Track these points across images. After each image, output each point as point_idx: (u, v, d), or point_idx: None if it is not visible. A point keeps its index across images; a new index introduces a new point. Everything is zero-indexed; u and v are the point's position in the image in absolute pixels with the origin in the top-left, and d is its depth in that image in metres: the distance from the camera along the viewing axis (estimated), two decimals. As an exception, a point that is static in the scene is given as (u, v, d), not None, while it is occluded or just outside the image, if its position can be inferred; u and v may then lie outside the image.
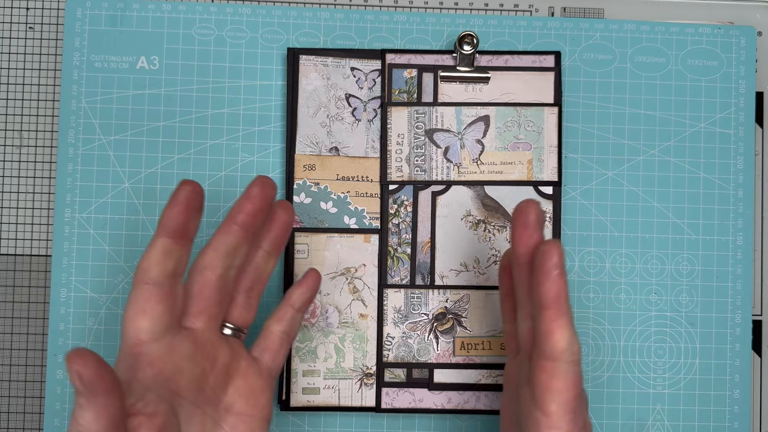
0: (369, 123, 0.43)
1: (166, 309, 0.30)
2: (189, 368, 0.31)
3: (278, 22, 0.44)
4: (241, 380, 0.33)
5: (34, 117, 0.44)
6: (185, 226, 0.30)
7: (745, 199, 0.44)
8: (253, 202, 0.32)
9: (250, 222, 0.32)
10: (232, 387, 0.33)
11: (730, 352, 0.43)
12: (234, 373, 0.33)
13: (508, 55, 0.43)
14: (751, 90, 0.44)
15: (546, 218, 0.43)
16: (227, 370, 0.33)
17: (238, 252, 0.33)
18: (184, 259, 0.31)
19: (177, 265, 0.30)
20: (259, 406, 0.33)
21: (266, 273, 0.35)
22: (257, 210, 0.32)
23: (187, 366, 0.31)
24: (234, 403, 0.33)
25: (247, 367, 0.34)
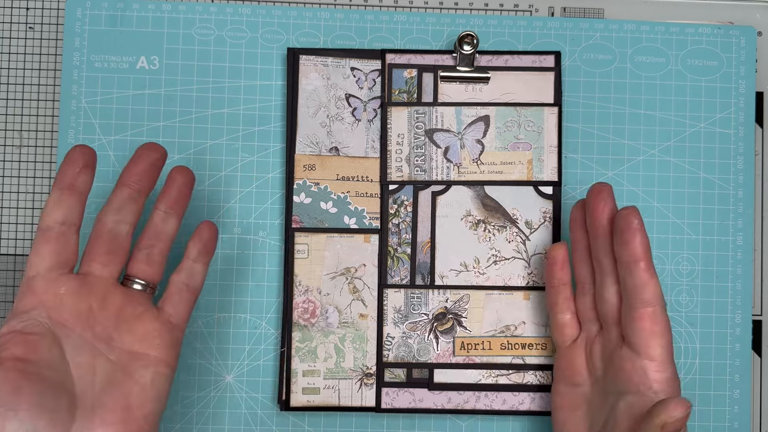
0: (369, 123, 0.43)
1: (52, 250, 0.34)
2: (73, 303, 0.34)
3: (278, 22, 0.44)
4: (136, 322, 0.36)
5: (34, 117, 0.44)
6: (73, 180, 0.34)
7: (745, 199, 0.44)
8: (139, 163, 0.36)
9: (135, 181, 0.36)
10: (126, 327, 0.35)
11: (730, 352, 0.43)
12: (128, 316, 0.36)
13: (508, 55, 0.43)
14: (751, 90, 0.44)
15: (547, 218, 0.43)
16: (120, 313, 0.36)
17: (128, 208, 0.36)
18: (75, 209, 0.35)
19: (66, 213, 0.34)
20: (153, 346, 0.36)
21: (166, 232, 0.37)
22: (143, 171, 0.36)
23: (71, 301, 0.34)
24: (126, 341, 0.35)
25: (144, 312, 0.36)
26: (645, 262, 0.34)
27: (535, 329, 0.43)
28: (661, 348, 0.35)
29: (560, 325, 0.39)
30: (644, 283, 0.34)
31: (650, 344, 0.35)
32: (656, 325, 0.35)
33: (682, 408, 0.32)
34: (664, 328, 0.35)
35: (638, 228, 0.34)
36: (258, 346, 0.43)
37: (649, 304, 0.35)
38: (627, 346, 0.35)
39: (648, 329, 0.35)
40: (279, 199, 0.43)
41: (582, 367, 0.38)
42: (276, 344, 0.43)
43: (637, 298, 0.35)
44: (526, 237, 0.43)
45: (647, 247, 0.35)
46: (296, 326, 0.42)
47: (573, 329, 0.39)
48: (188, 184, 0.38)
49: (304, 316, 0.42)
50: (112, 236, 0.36)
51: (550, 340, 0.43)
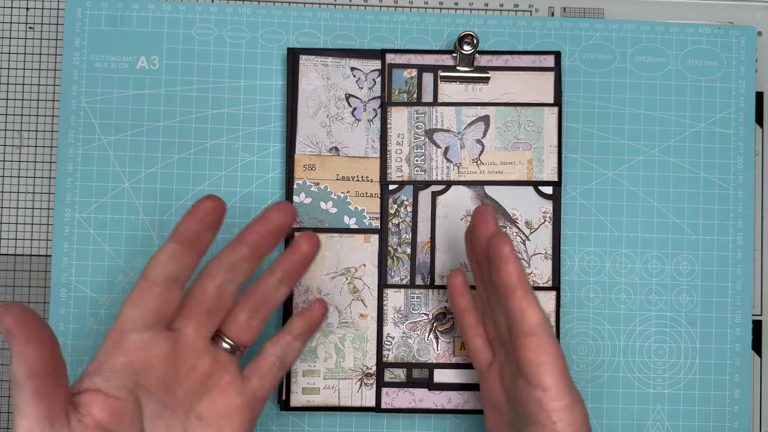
0: (369, 123, 0.43)
1: (156, 307, 0.31)
2: (162, 367, 0.32)
3: (278, 22, 0.44)
4: (219, 394, 0.34)
5: (34, 117, 0.44)
6: (196, 238, 0.32)
7: (745, 199, 0.44)
8: (265, 225, 0.34)
9: (257, 242, 0.34)
10: (208, 398, 0.34)
11: (730, 352, 0.43)
12: (213, 385, 0.34)
13: (508, 55, 0.43)
14: (751, 90, 0.44)
15: (547, 218, 0.43)
16: (206, 380, 0.34)
17: (240, 268, 0.34)
18: (189, 267, 0.32)
19: (179, 270, 0.32)
20: (231, 424, 0.34)
21: (274, 299, 0.36)
22: (268, 233, 0.34)
23: (161, 365, 0.32)
24: (206, 415, 0.33)
25: (230, 383, 0.34)
26: (520, 290, 0.33)
27: (535, 329, 0.43)
28: (552, 376, 0.32)
29: (472, 351, 0.38)
30: (522, 312, 0.33)
31: (539, 374, 0.32)
32: (542, 354, 0.32)
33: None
34: (553, 356, 0.33)
35: (509, 255, 0.32)
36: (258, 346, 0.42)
37: (531, 333, 0.33)
38: (520, 375, 0.34)
39: (534, 360, 0.33)
40: (279, 199, 0.43)
41: (500, 391, 0.37)
42: (276, 344, 0.43)
43: (519, 329, 0.33)
44: (526, 237, 0.43)
45: (521, 275, 0.33)
46: (296, 326, 0.42)
47: (486, 354, 0.38)
48: (312, 255, 0.36)
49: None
50: (218, 294, 0.33)
51: (550, 340, 0.43)
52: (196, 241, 0.32)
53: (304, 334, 0.37)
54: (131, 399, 0.31)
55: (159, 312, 0.32)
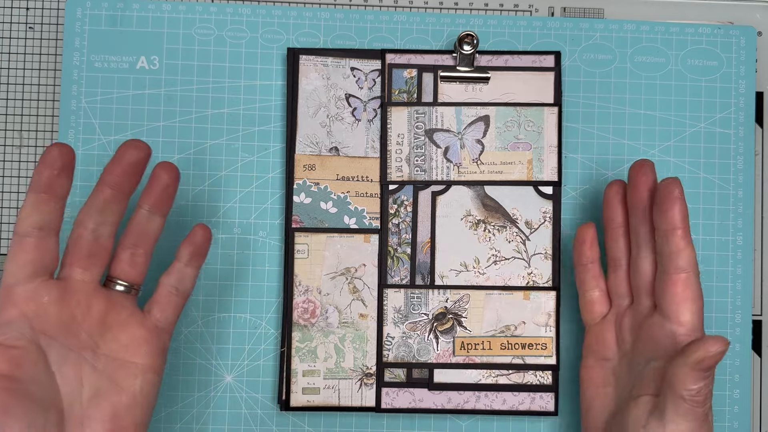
0: (369, 123, 0.43)
1: (32, 257, 0.33)
2: (56, 312, 0.33)
3: (278, 22, 0.44)
4: (121, 329, 0.35)
5: (34, 117, 0.44)
6: (50, 183, 0.33)
7: (745, 199, 0.44)
8: (120, 164, 0.34)
9: (117, 182, 0.34)
10: (111, 335, 0.35)
11: (730, 352, 0.43)
12: (113, 322, 0.35)
13: (508, 55, 0.43)
14: (751, 90, 0.44)
15: (547, 218, 0.43)
16: (104, 319, 0.35)
17: (108, 209, 0.35)
18: (53, 213, 0.33)
19: (44, 218, 0.33)
20: (141, 354, 0.35)
21: (150, 231, 0.37)
22: (125, 171, 0.34)
23: (55, 310, 0.33)
24: (112, 349, 0.34)
25: (130, 317, 0.35)
26: (682, 229, 0.35)
27: (535, 329, 0.43)
28: (691, 314, 0.35)
29: (589, 303, 0.40)
30: (680, 249, 0.35)
31: (681, 309, 0.35)
32: (688, 291, 0.35)
33: (720, 344, 0.32)
34: (696, 295, 0.36)
35: (678, 197, 0.35)
36: (258, 346, 0.43)
37: (683, 270, 0.35)
38: (658, 312, 0.36)
39: (680, 294, 0.35)
40: (279, 199, 0.43)
41: (612, 341, 0.39)
42: (276, 344, 0.43)
43: (672, 264, 0.35)
44: (526, 237, 0.43)
45: (686, 216, 0.35)
46: (296, 326, 0.42)
47: (602, 306, 0.40)
48: (173, 182, 0.36)
49: (304, 316, 0.42)
50: (94, 238, 0.34)
51: (550, 340, 0.43)
52: (53, 188, 0.33)
53: (194, 259, 0.37)
54: (31, 347, 0.32)
55: (36, 261, 0.33)
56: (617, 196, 0.40)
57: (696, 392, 0.32)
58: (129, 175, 0.35)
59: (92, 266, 0.35)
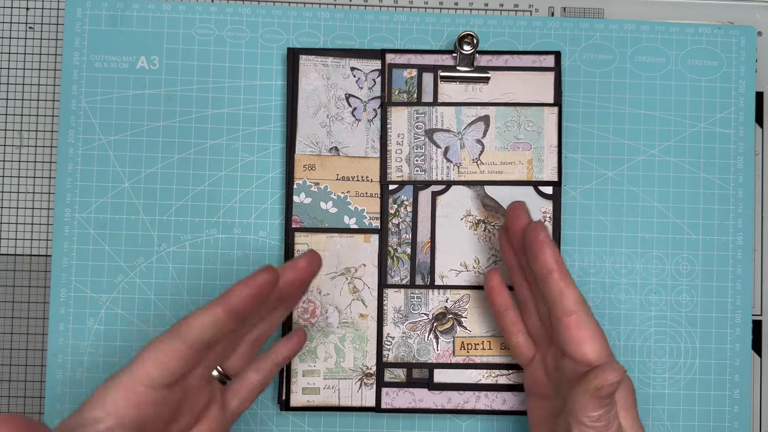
0: (369, 123, 0.43)
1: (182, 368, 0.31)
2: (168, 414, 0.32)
3: (278, 22, 0.44)
4: (206, 424, 0.34)
5: (34, 117, 0.44)
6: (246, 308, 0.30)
7: (745, 199, 0.44)
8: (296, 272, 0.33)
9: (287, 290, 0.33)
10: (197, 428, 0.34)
11: (730, 352, 0.43)
12: (203, 416, 0.34)
13: (508, 55, 0.43)
14: (751, 90, 0.44)
15: (547, 218, 0.43)
16: (199, 413, 0.34)
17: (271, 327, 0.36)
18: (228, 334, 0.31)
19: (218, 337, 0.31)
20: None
21: (274, 329, 0.37)
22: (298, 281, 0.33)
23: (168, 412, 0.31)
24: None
25: (217, 413, 0.35)
26: (558, 271, 0.34)
27: (535, 329, 0.43)
28: (594, 351, 0.34)
29: (515, 348, 0.39)
30: (560, 291, 0.34)
31: (582, 350, 0.34)
32: (583, 331, 0.34)
33: (616, 373, 0.32)
34: (593, 332, 0.34)
35: (545, 240, 0.34)
36: (258, 346, 0.43)
37: (570, 312, 0.34)
38: (565, 356, 0.35)
39: (576, 336, 0.34)
40: (279, 199, 0.43)
41: (544, 382, 0.38)
42: (276, 344, 0.43)
43: (558, 308, 0.35)
44: (526, 237, 0.43)
45: (557, 258, 0.35)
46: (296, 326, 0.42)
47: (528, 349, 0.39)
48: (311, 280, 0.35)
49: (304, 316, 0.42)
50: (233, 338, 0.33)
51: (550, 340, 0.43)
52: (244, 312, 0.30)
53: (285, 360, 0.38)
54: None
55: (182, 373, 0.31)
56: (503, 238, 0.39)
57: (596, 419, 0.32)
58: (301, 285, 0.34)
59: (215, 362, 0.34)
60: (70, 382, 0.42)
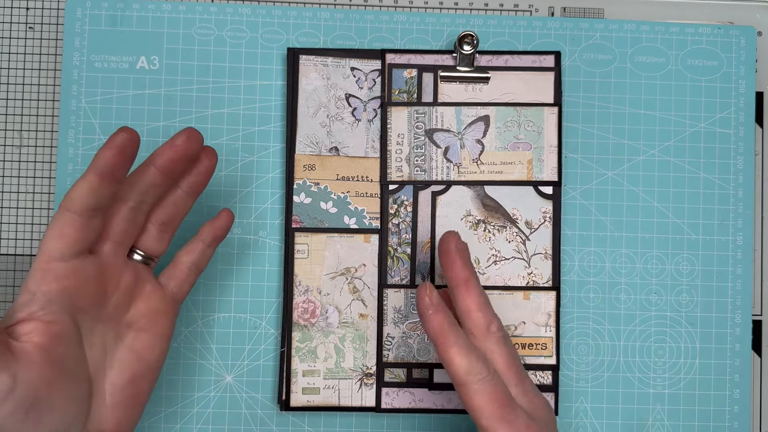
0: (369, 123, 0.43)
1: (80, 236, 0.32)
2: (92, 287, 0.33)
3: (278, 22, 0.44)
4: (144, 302, 0.36)
5: (34, 117, 0.44)
6: (114, 169, 0.32)
7: (745, 199, 0.44)
8: (175, 150, 0.35)
9: (168, 167, 0.35)
10: (134, 307, 0.36)
11: (730, 352, 0.43)
12: (137, 294, 0.36)
13: (508, 55, 0.43)
14: (751, 90, 0.44)
15: (547, 218, 0.43)
16: (130, 291, 0.35)
17: (152, 191, 0.35)
18: (108, 197, 0.33)
19: (99, 200, 0.32)
20: (159, 325, 0.36)
21: (182, 211, 0.37)
22: (177, 158, 0.35)
23: (91, 285, 0.33)
24: (135, 321, 0.36)
25: (152, 290, 0.36)
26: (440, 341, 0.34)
27: (535, 329, 0.43)
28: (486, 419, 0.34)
29: None
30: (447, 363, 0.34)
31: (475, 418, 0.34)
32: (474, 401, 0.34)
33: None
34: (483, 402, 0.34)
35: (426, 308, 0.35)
36: (258, 346, 0.43)
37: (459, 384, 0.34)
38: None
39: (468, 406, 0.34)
40: (279, 199, 0.43)
41: None
42: (276, 344, 0.43)
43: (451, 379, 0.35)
44: (526, 237, 0.43)
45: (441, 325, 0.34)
46: (296, 326, 0.42)
47: None
48: (212, 168, 0.37)
49: (304, 316, 0.42)
50: (133, 215, 0.35)
51: (550, 340, 0.43)
52: (114, 172, 0.32)
53: (216, 241, 0.38)
54: (69, 322, 0.33)
55: (83, 241, 0.33)
56: None
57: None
58: (181, 164, 0.35)
59: (125, 240, 0.35)
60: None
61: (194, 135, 0.35)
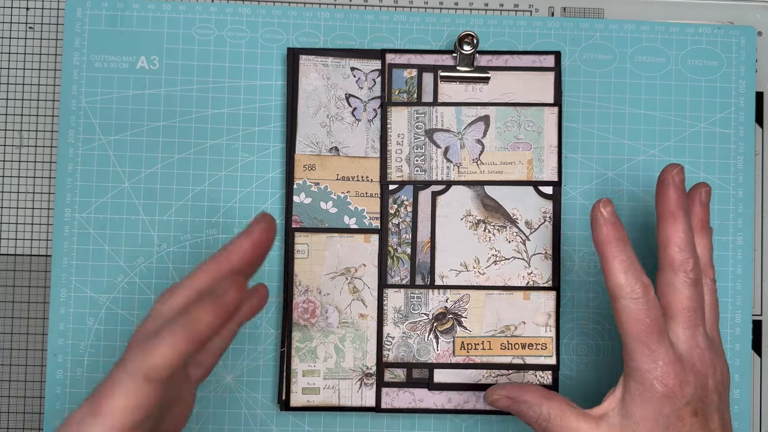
0: (369, 123, 0.43)
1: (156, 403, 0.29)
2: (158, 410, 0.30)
3: (278, 22, 0.44)
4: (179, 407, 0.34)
5: (34, 117, 0.44)
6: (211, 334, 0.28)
7: (745, 199, 0.44)
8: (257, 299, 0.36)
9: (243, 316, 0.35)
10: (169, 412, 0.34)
11: (730, 352, 0.43)
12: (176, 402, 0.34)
13: (508, 55, 0.43)
14: (751, 90, 0.44)
15: (547, 218, 0.43)
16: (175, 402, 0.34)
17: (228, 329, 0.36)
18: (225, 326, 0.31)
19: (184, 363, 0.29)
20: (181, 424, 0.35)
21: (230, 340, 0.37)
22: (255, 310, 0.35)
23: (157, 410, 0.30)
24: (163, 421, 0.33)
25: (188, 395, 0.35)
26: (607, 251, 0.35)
27: (535, 329, 0.43)
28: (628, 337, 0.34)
29: None
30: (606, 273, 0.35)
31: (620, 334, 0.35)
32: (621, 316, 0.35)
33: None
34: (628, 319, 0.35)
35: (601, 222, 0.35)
36: (258, 346, 0.43)
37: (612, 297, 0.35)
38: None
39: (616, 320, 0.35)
40: (279, 199, 0.43)
41: None
42: (276, 344, 0.43)
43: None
44: (526, 237, 0.43)
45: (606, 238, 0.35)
46: (296, 326, 0.42)
47: None
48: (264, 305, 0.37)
49: (304, 316, 0.42)
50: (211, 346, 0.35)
51: (550, 340, 0.43)
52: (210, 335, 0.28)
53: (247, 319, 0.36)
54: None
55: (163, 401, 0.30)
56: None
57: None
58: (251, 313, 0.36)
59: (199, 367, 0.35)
60: (70, 382, 0.42)
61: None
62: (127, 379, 0.27)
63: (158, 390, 0.28)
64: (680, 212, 0.35)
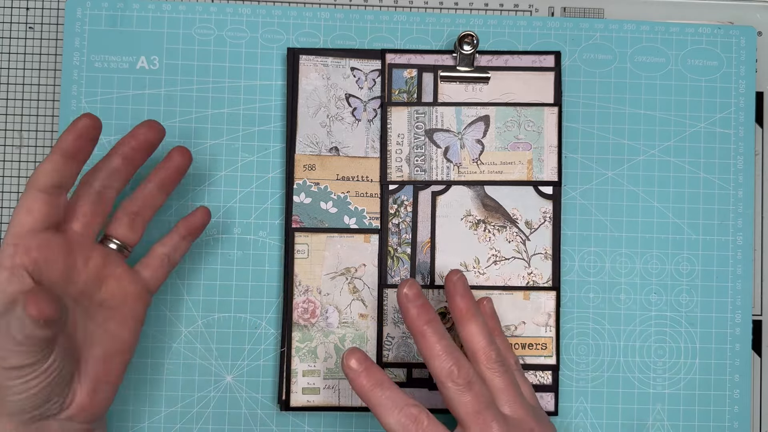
0: (369, 123, 0.43)
1: (46, 211, 0.35)
2: (62, 260, 0.35)
3: (278, 22, 0.44)
4: (115, 282, 0.37)
5: (34, 117, 0.44)
6: (76, 151, 0.35)
7: (745, 199, 0.44)
8: (136, 139, 0.37)
9: (130, 155, 0.37)
10: (105, 286, 0.37)
11: (730, 352, 0.43)
12: (108, 275, 0.37)
13: (508, 55, 0.43)
14: (751, 90, 0.44)
15: (547, 218, 0.43)
16: (101, 271, 0.37)
17: (116, 176, 0.37)
18: (71, 176, 0.35)
19: (62, 179, 0.35)
20: (129, 307, 0.37)
21: (154, 204, 0.39)
22: (138, 147, 0.37)
23: (60, 258, 0.35)
24: (106, 300, 0.37)
25: (122, 273, 0.37)
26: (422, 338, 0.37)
27: (535, 329, 0.43)
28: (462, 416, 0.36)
29: None
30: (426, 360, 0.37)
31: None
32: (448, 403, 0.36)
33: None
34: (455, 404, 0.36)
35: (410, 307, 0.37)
36: (258, 346, 0.43)
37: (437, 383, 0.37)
38: None
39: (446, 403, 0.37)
40: (279, 199, 0.43)
41: None
42: (276, 344, 0.43)
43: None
44: (526, 237, 0.43)
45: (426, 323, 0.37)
46: (296, 326, 0.42)
47: None
48: (185, 167, 0.39)
49: (304, 316, 0.42)
50: (98, 198, 0.37)
51: (550, 340, 0.43)
52: (76, 154, 0.35)
53: (191, 236, 0.40)
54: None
55: (50, 216, 0.35)
56: None
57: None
58: (141, 152, 0.38)
59: (93, 222, 0.37)
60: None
61: (155, 126, 0.38)
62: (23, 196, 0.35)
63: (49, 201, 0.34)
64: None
